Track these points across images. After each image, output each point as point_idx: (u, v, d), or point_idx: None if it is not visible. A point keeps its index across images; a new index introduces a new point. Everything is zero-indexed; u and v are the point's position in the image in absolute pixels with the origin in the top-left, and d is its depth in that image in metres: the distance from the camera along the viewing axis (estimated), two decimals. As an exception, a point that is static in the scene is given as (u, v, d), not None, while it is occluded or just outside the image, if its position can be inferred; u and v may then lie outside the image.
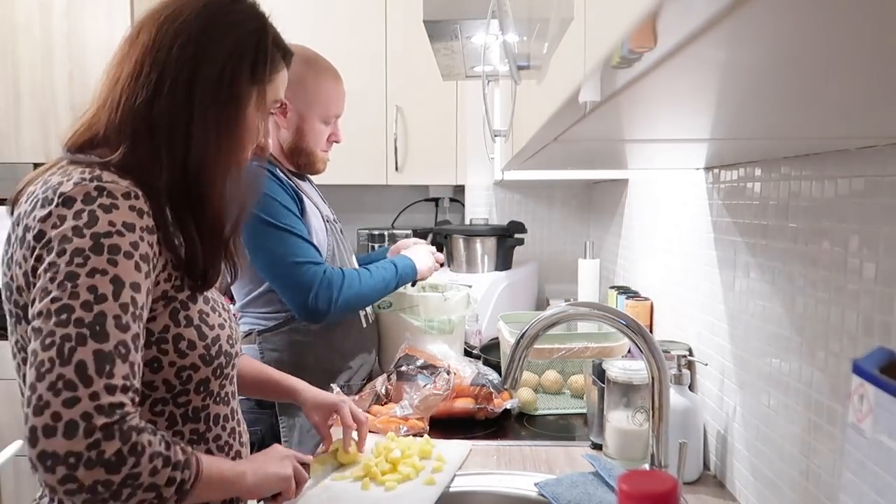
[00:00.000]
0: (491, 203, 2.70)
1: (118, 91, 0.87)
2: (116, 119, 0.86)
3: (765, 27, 0.28)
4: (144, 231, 0.81)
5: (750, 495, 1.07)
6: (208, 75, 0.88)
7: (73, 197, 0.78)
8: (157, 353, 0.85)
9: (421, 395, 1.43)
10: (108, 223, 0.78)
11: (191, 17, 0.89)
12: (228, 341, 0.95)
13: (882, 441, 0.45)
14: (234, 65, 0.90)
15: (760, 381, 1.03)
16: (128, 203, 0.80)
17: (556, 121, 0.61)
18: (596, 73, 0.41)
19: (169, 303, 0.87)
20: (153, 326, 0.85)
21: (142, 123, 0.85)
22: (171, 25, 0.88)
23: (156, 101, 0.86)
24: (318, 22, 2.54)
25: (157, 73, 0.86)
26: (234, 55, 0.90)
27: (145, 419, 0.87)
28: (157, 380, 0.86)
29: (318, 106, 1.60)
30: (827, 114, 0.56)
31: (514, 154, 1.09)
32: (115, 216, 0.78)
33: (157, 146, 0.86)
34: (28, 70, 2.53)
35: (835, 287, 0.82)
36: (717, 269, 1.21)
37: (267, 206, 1.47)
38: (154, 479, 0.75)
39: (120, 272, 0.77)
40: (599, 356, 1.45)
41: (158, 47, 0.87)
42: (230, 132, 0.91)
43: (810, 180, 0.89)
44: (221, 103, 0.89)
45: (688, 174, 1.36)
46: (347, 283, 1.52)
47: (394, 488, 1.13)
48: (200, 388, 0.90)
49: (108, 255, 0.77)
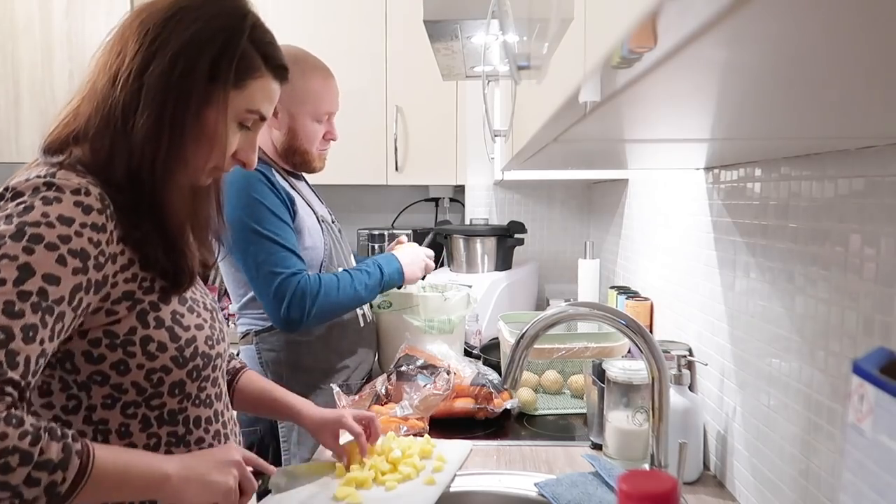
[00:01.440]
0: (491, 203, 2.70)
1: (93, 81, 0.86)
2: (90, 111, 0.85)
3: (765, 27, 0.28)
4: (87, 227, 0.78)
5: (750, 495, 1.07)
6: (160, 66, 0.83)
7: (22, 191, 0.78)
8: (124, 356, 0.84)
9: (421, 395, 1.43)
10: (41, 214, 0.76)
11: (164, 6, 0.86)
12: (207, 342, 0.92)
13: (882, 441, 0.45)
14: (189, 58, 0.84)
15: (760, 381, 1.03)
16: (74, 199, 0.78)
17: (556, 121, 0.61)
18: (596, 73, 0.41)
19: (135, 304, 0.85)
20: (117, 329, 0.83)
21: (103, 115, 0.84)
22: (146, 15, 0.86)
23: (112, 91, 0.83)
24: (318, 22, 2.54)
25: (119, 62, 0.84)
26: (192, 47, 0.84)
27: (117, 421, 0.85)
28: (125, 382, 0.84)
29: (307, 104, 1.58)
30: (827, 114, 0.56)
31: (514, 154, 1.09)
32: (53, 209, 0.77)
33: (113, 139, 0.83)
34: (28, 70, 2.53)
35: (835, 287, 0.82)
36: (717, 269, 1.21)
37: (254, 211, 1.47)
38: (6, 476, 0.68)
39: (32, 261, 0.74)
40: (599, 356, 1.45)
41: (126, 38, 0.85)
42: (176, 130, 0.84)
43: (810, 180, 0.89)
44: (168, 97, 0.83)
45: (688, 174, 1.36)
46: (324, 291, 1.51)
47: (394, 488, 1.13)
48: (175, 390, 0.88)
49: (25, 243, 0.74)
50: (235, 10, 0.89)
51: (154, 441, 0.89)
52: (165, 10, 0.86)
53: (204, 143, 0.88)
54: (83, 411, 0.85)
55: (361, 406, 1.45)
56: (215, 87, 0.86)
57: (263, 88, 0.92)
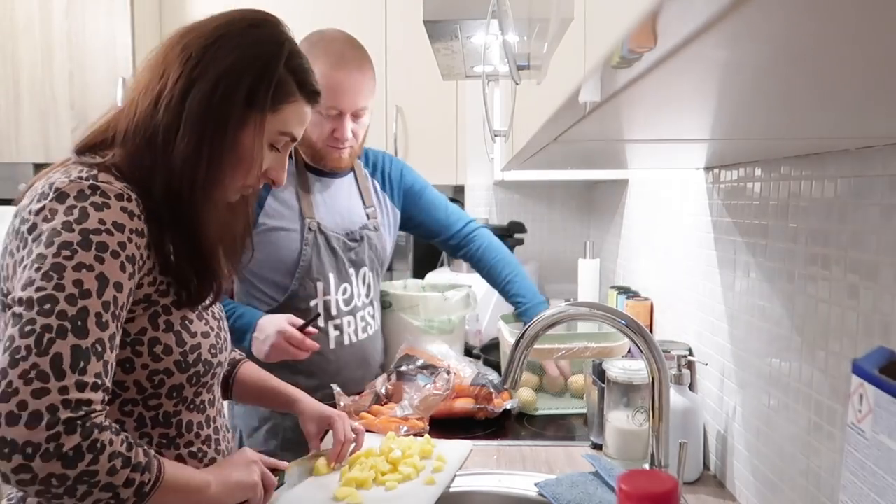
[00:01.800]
0: (491, 203, 2.70)
1: (134, 98, 0.88)
2: (127, 125, 0.88)
3: (765, 27, 0.28)
4: (133, 233, 0.81)
5: (750, 495, 1.07)
6: (200, 91, 0.86)
7: (67, 193, 0.79)
8: (131, 354, 0.85)
9: (421, 395, 1.43)
10: (99, 221, 0.79)
11: (206, 32, 0.89)
12: (211, 350, 0.94)
13: (882, 441, 0.45)
14: (229, 84, 0.87)
15: (760, 381, 1.03)
16: (119, 204, 0.81)
17: (556, 121, 0.61)
18: (596, 73, 0.41)
19: (150, 306, 0.87)
20: (130, 327, 0.85)
21: (144, 133, 0.86)
22: (189, 39, 0.89)
23: (155, 113, 0.86)
24: (318, 22, 2.53)
25: (161, 85, 0.87)
26: (232, 74, 0.88)
27: (114, 418, 0.87)
28: (128, 380, 0.86)
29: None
30: (827, 114, 0.56)
31: (514, 154, 1.09)
32: (106, 215, 0.79)
33: (154, 157, 0.86)
34: (28, 70, 2.53)
35: (835, 287, 0.82)
36: (717, 269, 1.21)
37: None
38: (111, 478, 0.74)
39: (105, 270, 0.78)
40: (599, 356, 1.45)
41: (170, 60, 0.88)
42: (214, 153, 0.88)
43: (810, 180, 0.89)
44: (208, 122, 0.87)
45: (688, 174, 1.36)
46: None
47: (394, 488, 1.13)
48: (173, 393, 0.90)
49: (95, 252, 0.77)
50: (273, 38, 0.93)
51: (146, 440, 0.89)
52: (207, 37, 0.89)
53: (239, 165, 0.92)
54: None
55: (361, 406, 1.45)
56: (252, 112, 0.90)
57: (297, 112, 0.96)
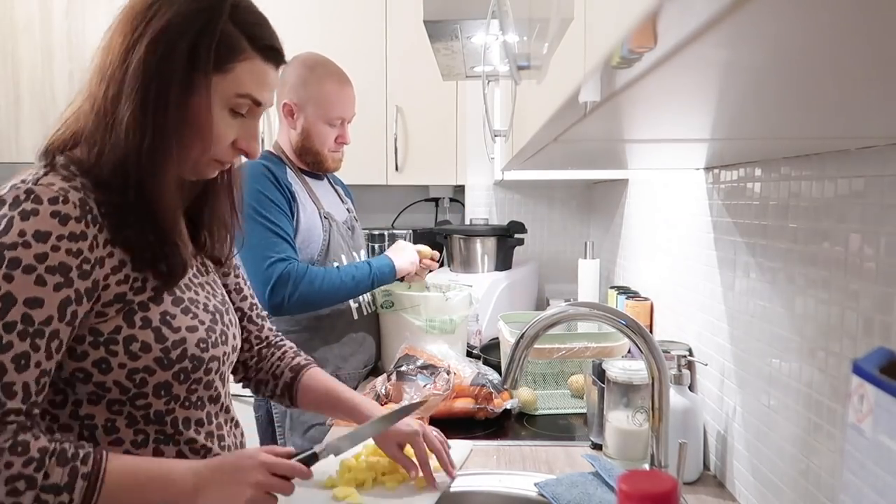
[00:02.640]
0: (491, 203, 2.70)
1: (88, 82, 0.86)
2: (87, 109, 0.85)
3: (765, 27, 0.28)
4: (64, 239, 0.78)
5: (750, 495, 1.07)
6: (138, 55, 0.81)
7: (4, 200, 0.78)
8: (105, 354, 0.83)
9: (421, 396, 1.43)
10: (18, 233, 0.76)
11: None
12: (199, 345, 0.90)
13: (882, 441, 0.45)
14: (167, 43, 0.81)
15: (760, 381, 1.03)
16: (51, 208, 0.78)
17: (556, 121, 0.61)
18: (596, 73, 0.41)
19: (125, 305, 0.84)
20: (103, 327, 0.83)
21: (95, 112, 0.83)
22: (128, 10, 0.85)
23: (100, 88, 0.83)
24: (318, 22, 2.54)
25: (102, 59, 0.84)
26: (168, 33, 0.82)
27: (104, 417, 0.86)
28: (107, 381, 0.84)
29: (320, 108, 1.67)
30: (827, 114, 0.56)
31: (514, 154, 1.09)
32: (29, 225, 0.77)
33: (102, 135, 0.83)
34: (28, 70, 2.53)
35: (835, 287, 0.82)
36: (717, 269, 1.21)
37: (253, 200, 1.56)
38: (17, 499, 0.73)
39: (13, 289, 0.75)
40: (599, 356, 1.45)
41: (114, 32, 0.85)
42: (159, 118, 0.82)
43: (810, 180, 0.89)
44: (149, 87, 0.81)
45: (688, 174, 1.36)
46: (308, 279, 1.56)
47: (394, 488, 1.13)
48: (161, 391, 0.87)
49: (4, 271, 0.75)
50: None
51: (142, 437, 0.88)
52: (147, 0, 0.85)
53: (191, 132, 0.85)
54: (69, 406, 0.86)
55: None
56: (196, 73, 0.83)
57: (252, 71, 0.87)
